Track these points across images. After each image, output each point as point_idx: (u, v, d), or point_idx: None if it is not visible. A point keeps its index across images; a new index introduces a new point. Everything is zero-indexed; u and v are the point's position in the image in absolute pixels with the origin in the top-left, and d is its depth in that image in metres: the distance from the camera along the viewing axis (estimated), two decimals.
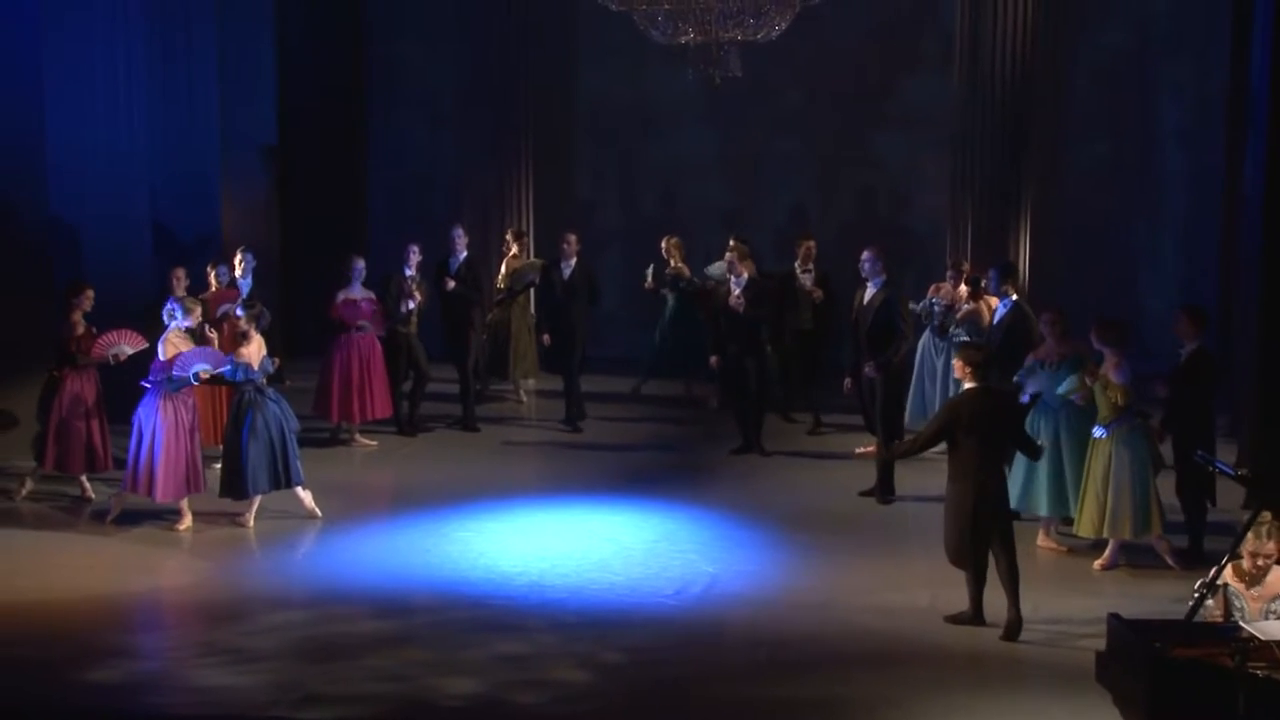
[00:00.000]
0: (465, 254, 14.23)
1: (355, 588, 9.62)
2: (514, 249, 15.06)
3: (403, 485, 12.23)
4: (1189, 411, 10.02)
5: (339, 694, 7.93)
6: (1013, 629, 8.72)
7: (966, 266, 13.36)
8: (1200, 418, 10.04)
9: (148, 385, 10.72)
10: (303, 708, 7.74)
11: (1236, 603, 7.07)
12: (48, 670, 8.37)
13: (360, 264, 13.35)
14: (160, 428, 10.61)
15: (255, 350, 10.79)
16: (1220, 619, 7.01)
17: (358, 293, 13.30)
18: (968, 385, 9.05)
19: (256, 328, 10.93)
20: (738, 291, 12.76)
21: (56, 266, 13.16)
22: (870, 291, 11.93)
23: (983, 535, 8.81)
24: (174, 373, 10.60)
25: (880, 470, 11.68)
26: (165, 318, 10.99)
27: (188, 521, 10.82)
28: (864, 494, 11.76)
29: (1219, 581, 6.97)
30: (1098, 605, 8.77)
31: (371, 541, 10.70)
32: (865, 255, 12.04)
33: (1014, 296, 11.97)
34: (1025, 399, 10.38)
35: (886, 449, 10.95)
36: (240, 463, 10.69)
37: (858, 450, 12.76)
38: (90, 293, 11.30)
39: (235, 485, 10.79)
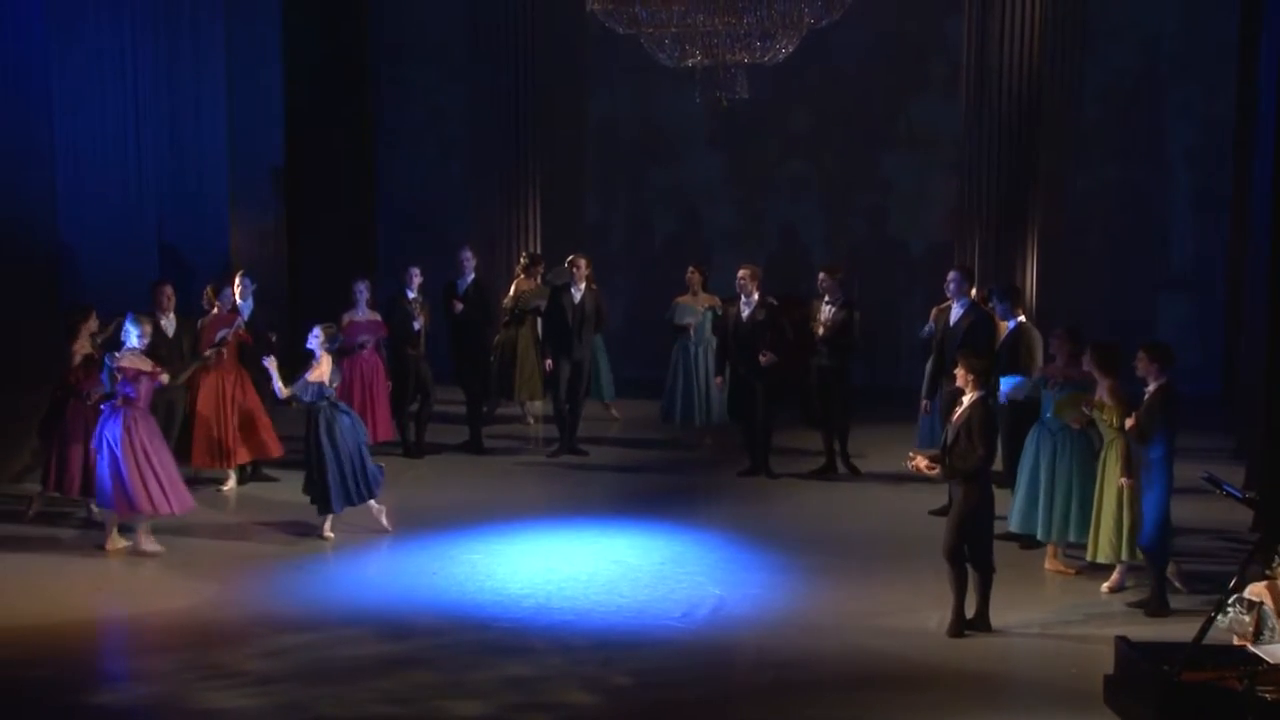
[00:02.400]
0: (473, 275, 14.24)
1: (362, 610, 9.61)
2: (522, 275, 15.04)
3: (409, 507, 12.22)
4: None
5: (345, 716, 7.92)
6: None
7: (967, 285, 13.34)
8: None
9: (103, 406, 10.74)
10: None
11: (1270, 622, 7.06)
12: (53, 693, 8.37)
13: (362, 286, 13.36)
14: (119, 445, 10.57)
15: (326, 370, 11.00)
16: (1252, 635, 7.00)
17: (363, 315, 13.32)
18: (973, 393, 9.04)
19: (328, 350, 11.06)
20: (748, 312, 12.75)
21: (63, 289, 13.19)
22: (957, 312, 11.92)
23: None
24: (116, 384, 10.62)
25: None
26: (122, 335, 10.84)
27: (120, 543, 10.82)
28: (935, 513, 11.75)
29: (1253, 599, 6.96)
30: (1106, 628, 8.75)
31: (378, 563, 10.70)
32: (951, 275, 12.11)
33: (1021, 318, 11.95)
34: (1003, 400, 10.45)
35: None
36: (325, 478, 10.93)
37: (911, 455, 12.64)
38: (92, 321, 11.32)
39: (324, 499, 11.02)
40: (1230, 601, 6.90)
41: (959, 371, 9.23)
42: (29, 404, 12.00)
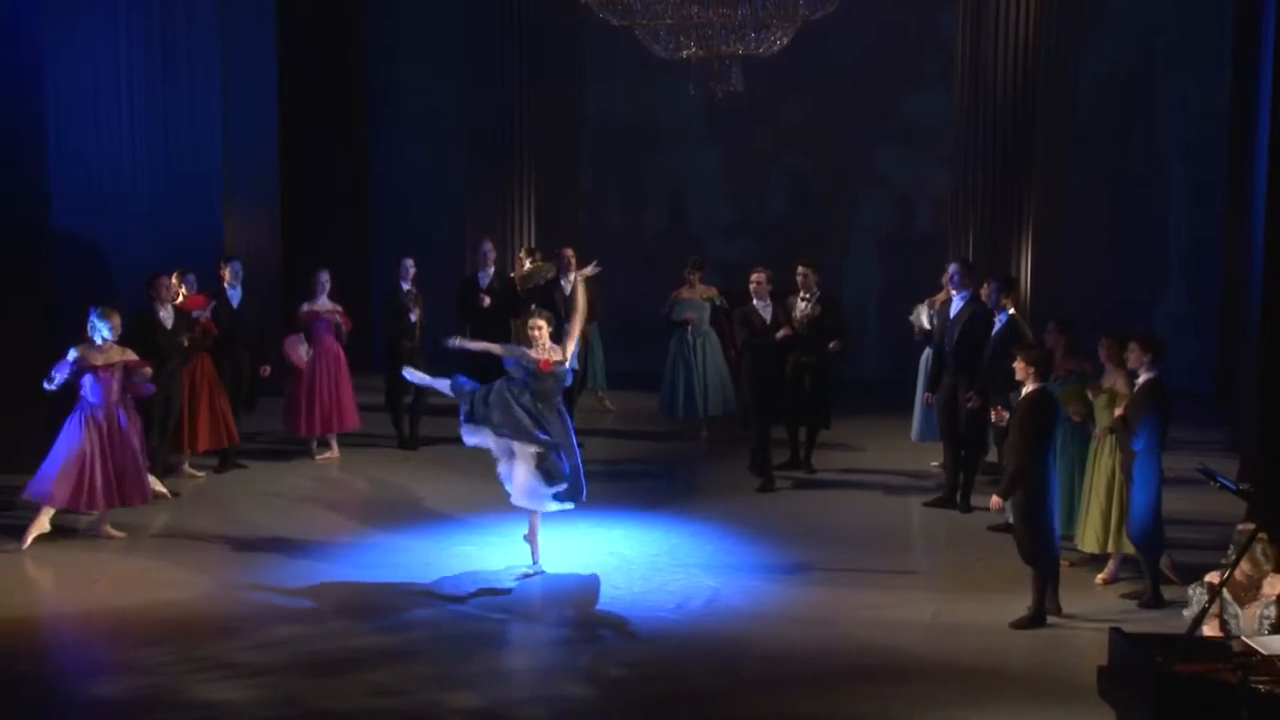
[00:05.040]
0: (494, 268, 14.20)
1: (356, 602, 9.61)
2: (526, 265, 15.05)
3: (404, 499, 12.23)
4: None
5: (339, 708, 7.91)
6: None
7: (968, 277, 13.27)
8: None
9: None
10: None
11: (1231, 609, 7.07)
12: (48, 686, 8.38)
13: (324, 276, 13.44)
14: (75, 440, 10.54)
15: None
16: (1216, 625, 7.02)
17: (322, 305, 13.39)
18: (1030, 387, 9.04)
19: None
20: (768, 318, 12.52)
21: (59, 278, 13.17)
22: (957, 305, 11.84)
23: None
24: (53, 372, 10.55)
25: (965, 482, 11.76)
26: (89, 331, 10.69)
27: (111, 530, 10.84)
28: (929, 504, 11.84)
29: (1213, 583, 6.98)
30: (1100, 620, 8.77)
31: (371, 555, 10.68)
32: (952, 267, 12.05)
33: (1011, 310, 11.92)
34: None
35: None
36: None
37: (934, 464, 12.67)
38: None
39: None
40: (1191, 587, 6.93)
41: (1018, 365, 9.19)
42: (22, 397, 11.98)
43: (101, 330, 10.65)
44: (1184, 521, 10.58)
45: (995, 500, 9.24)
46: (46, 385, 10.63)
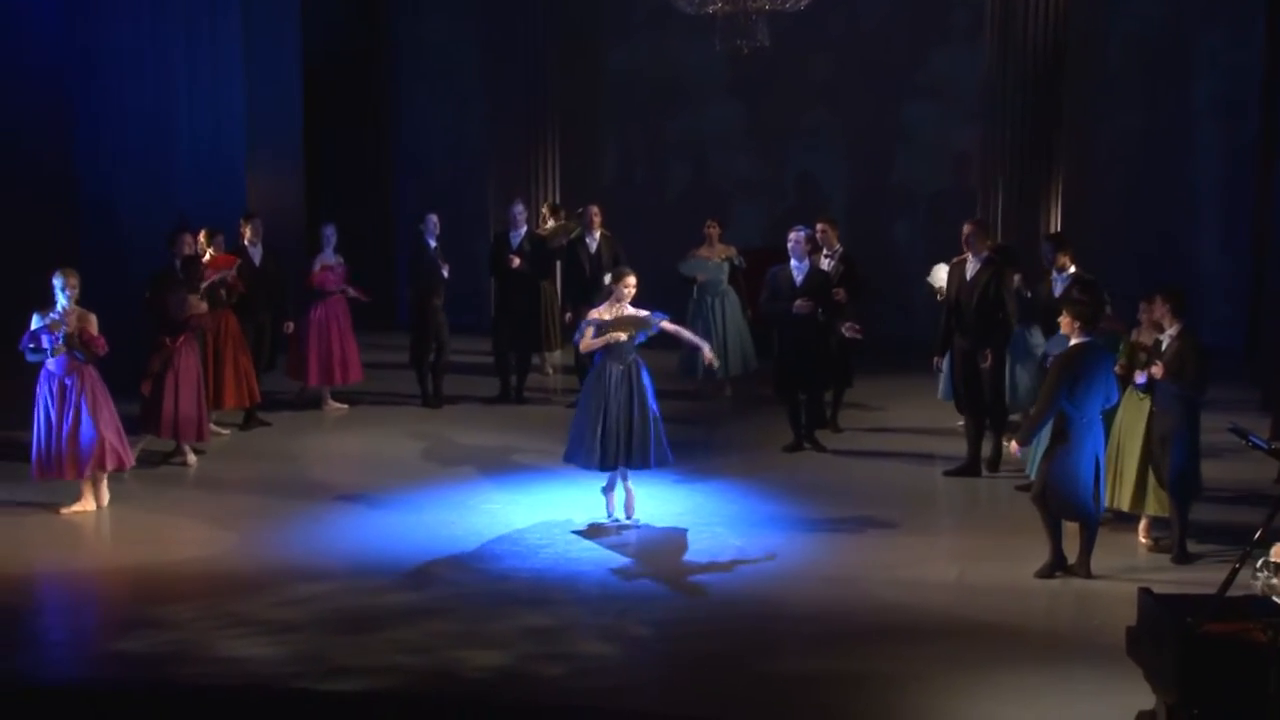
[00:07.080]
0: (526, 229, 14.12)
1: (380, 560, 9.61)
2: (550, 223, 15.00)
3: (428, 457, 12.23)
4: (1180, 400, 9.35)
5: (364, 665, 7.91)
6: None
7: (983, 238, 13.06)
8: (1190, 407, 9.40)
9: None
10: (328, 679, 7.74)
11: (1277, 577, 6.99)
12: (75, 642, 8.41)
13: (330, 230, 13.55)
14: (40, 408, 10.38)
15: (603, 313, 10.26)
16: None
17: (330, 259, 13.50)
18: (1075, 340, 8.97)
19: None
20: (800, 279, 12.02)
21: (83, 242, 13.15)
22: (973, 267, 11.44)
23: (1100, 488, 9.04)
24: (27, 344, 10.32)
25: (972, 447, 11.50)
26: (56, 291, 10.39)
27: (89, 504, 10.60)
28: (950, 474, 11.56)
29: (1270, 558, 6.87)
30: (1128, 579, 8.71)
31: (396, 513, 10.68)
32: (967, 229, 11.67)
33: (1072, 269, 11.37)
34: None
35: (1010, 434, 10.17)
36: (579, 429, 10.23)
37: (959, 424, 12.36)
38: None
39: (570, 452, 10.36)
40: (1259, 565, 6.82)
41: (1063, 319, 9.09)
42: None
43: (63, 294, 10.35)
44: (1214, 481, 10.47)
45: (1013, 446, 9.22)
46: (32, 357, 10.32)
